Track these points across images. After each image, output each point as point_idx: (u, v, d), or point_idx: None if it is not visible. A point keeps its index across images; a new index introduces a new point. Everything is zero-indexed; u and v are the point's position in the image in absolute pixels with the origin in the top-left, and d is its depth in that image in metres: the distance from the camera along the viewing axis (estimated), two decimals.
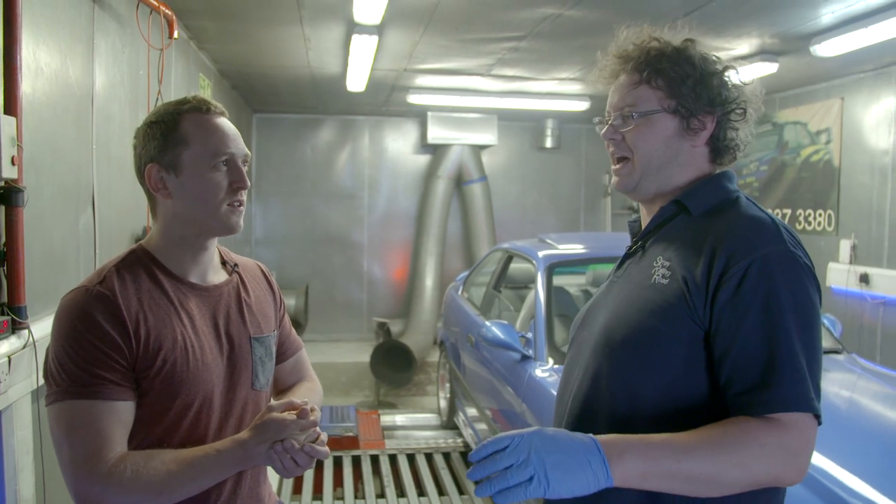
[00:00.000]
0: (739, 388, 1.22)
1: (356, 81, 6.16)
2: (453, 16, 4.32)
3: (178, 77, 4.47)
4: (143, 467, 1.32)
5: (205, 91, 5.35)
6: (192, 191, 1.46)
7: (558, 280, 4.34)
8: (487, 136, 8.53)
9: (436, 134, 8.38)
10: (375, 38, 4.65)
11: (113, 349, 1.36)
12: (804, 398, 1.19)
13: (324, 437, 1.44)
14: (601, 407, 1.38)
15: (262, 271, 1.76)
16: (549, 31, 4.60)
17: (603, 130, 1.49)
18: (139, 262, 1.48)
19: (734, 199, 1.40)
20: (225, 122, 1.51)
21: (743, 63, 1.50)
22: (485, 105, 7.56)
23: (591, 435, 1.20)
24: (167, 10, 3.62)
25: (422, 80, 6.51)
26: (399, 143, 9.02)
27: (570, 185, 9.44)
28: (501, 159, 9.21)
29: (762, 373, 1.20)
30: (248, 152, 1.54)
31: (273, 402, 1.44)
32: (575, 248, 4.68)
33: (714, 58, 1.43)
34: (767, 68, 5.03)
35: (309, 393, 1.75)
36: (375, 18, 4.24)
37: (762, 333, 1.21)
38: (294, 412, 1.41)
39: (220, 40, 5.03)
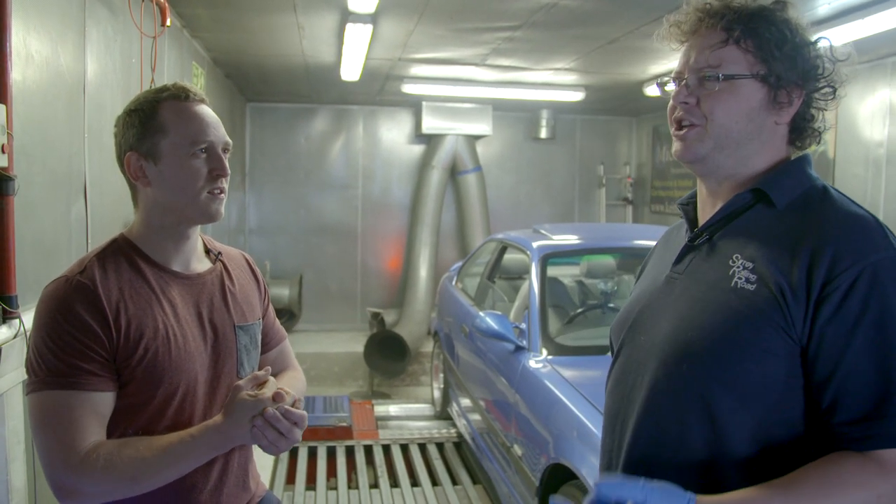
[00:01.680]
0: (847, 416, 1.07)
1: (350, 70, 6.13)
2: (448, 5, 4.30)
3: (171, 65, 4.44)
4: (116, 455, 1.33)
5: (198, 80, 5.32)
6: (170, 179, 1.45)
7: (552, 271, 4.34)
8: (482, 127, 8.51)
9: (430, 124, 8.37)
10: (370, 26, 4.62)
11: (92, 340, 1.36)
12: None
13: (300, 402, 1.46)
14: (675, 433, 1.20)
15: (247, 261, 1.76)
16: (544, 21, 4.58)
17: (675, 92, 1.29)
18: (121, 251, 1.48)
19: (822, 190, 1.22)
20: (204, 110, 1.50)
21: None
22: (479, 95, 7.54)
23: (690, 496, 1.08)
24: None
25: (416, 70, 6.49)
26: (393, 133, 9.00)
27: (565, 175, 9.43)
28: (496, 149, 9.19)
29: (876, 401, 1.05)
30: (229, 140, 1.53)
31: (238, 381, 1.43)
32: (569, 239, 4.68)
33: (807, 25, 1.26)
34: None
35: (292, 381, 1.76)
36: (370, 7, 4.21)
37: (876, 354, 1.06)
38: (261, 384, 1.42)
39: (214, 28, 5.00)
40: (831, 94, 1.26)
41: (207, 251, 1.64)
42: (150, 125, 1.44)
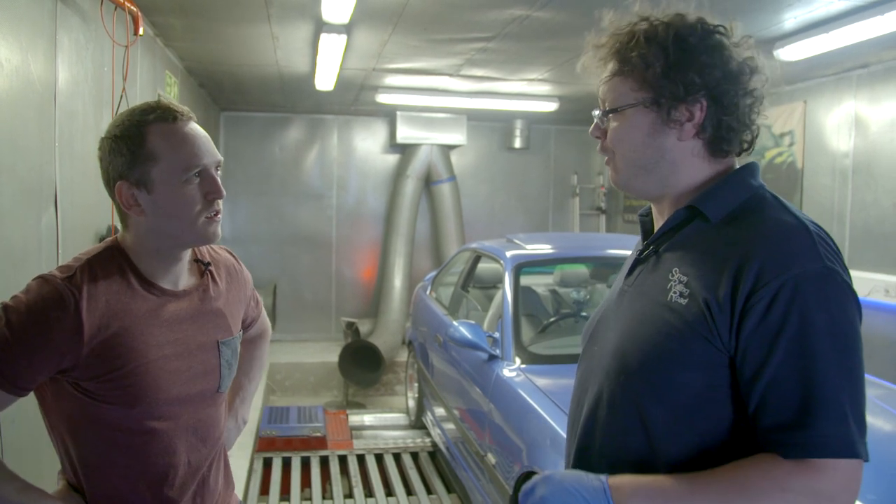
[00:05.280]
0: (770, 423, 1.10)
1: (325, 80, 6.14)
2: (422, 16, 4.32)
3: (143, 74, 4.42)
4: None
5: (171, 89, 5.30)
6: (166, 207, 1.40)
7: (526, 280, 4.37)
8: (456, 136, 8.54)
9: (405, 133, 8.38)
10: (344, 37, 4.63)
11: (49, 355, 1.32)
12: (845, 441, 1.06)
13: None
14: (614, 440, 1.25)
15: (233, 257, 1.74)
16: (517, 32, 4.62)
17: (590, 128, 1.36)
18: (114, 261, 1.44)
19: (759, 199, 1.22)
20: (194, 129, 1.44)
21: None
22: (454, 105, 7.57)
23: (602, 477, 1.16)
24: (132, 7, 3.57)
25: (391, 80, 6.51)
26: (368, 143, 9.00)
27: (539, 185, 9.49)
28: (470, 159, 9.23)
29: (797, 410, 1.07)
30: (221, 158, 1.47)
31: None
32: (542, 249, 4.71)
33: (700, 30, 1.23)
34: None
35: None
36: (344, 17, 4.22)
37: (795, 364, 1.08)
38: None
39: (187, 38, 4.98)
40: (739, 94, 1.23)
41: (196, 260, 1.59)
42: (140, 153, 1.38)
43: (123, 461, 1.43)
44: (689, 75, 1.21)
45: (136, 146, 1.38)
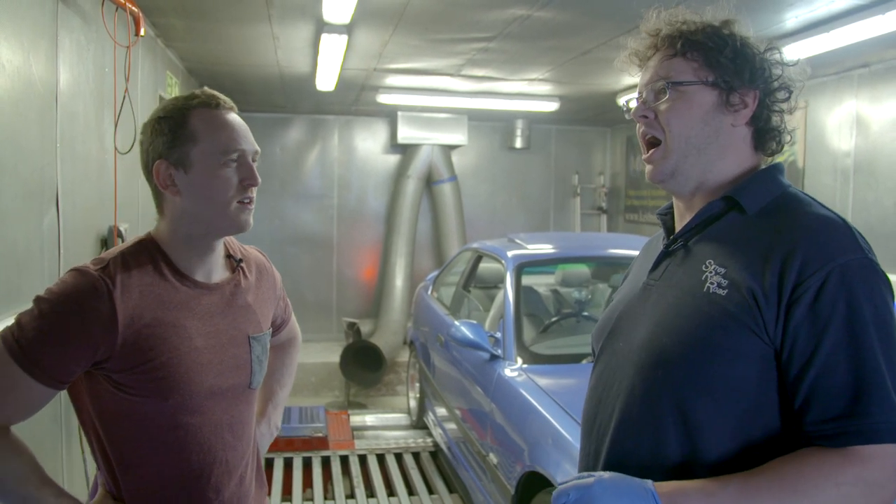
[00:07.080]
0: (821, 415, 1.09)
1: (325, 81, 6.14)
2: (423, 16, 4.32)
3: (145, 75, 4.42)
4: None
5: (172, 89, 5.30)
6: (201, 188, 1.44)
7: (527, 280, 4.36)
8: (457, 136, 8.54)
9: (406, 134, 8.38)
10: (345, 37, 4.64)
11: (84, 346, 1.34)
12: (894, 428, 1.08)
13: None
14: (652, 438, 1.22)
15: (264, 257, 1.77)
16: (518, 32, 4.62)
17: (634, 109, 1.35)
18: (147, 253, 1.46)
19: (792, 195, 1.26)
20: (235, 118, 1.49)
21: None
22: (455, 105, 7.57)
23: (648, 484, 1.12)
24: (133, 7, 3.57)
25: (392, 80, 6.51)
26: (369, 143, 9.00)
27: (540, 184, 9.49)
28: (471, 159, 9.22)
29: (849, 400, 1.08)
30: (259, 149, 1.53)
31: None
32: (544, 248, 4.71)
33: (754, 38, 1.33)
34: None
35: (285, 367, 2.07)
36: (345, 18, 4.23)
37: (846, 353, 1.09)
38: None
39: (188, 38, 4.99)
40: (787, 95, 1.32)
41: (228, 256, 1.62)
42: (181, 133, 1.43)
43: (159, 459, 1.44)
44: (754, 65, 1.29)
45: (178, 126, 1.43)
